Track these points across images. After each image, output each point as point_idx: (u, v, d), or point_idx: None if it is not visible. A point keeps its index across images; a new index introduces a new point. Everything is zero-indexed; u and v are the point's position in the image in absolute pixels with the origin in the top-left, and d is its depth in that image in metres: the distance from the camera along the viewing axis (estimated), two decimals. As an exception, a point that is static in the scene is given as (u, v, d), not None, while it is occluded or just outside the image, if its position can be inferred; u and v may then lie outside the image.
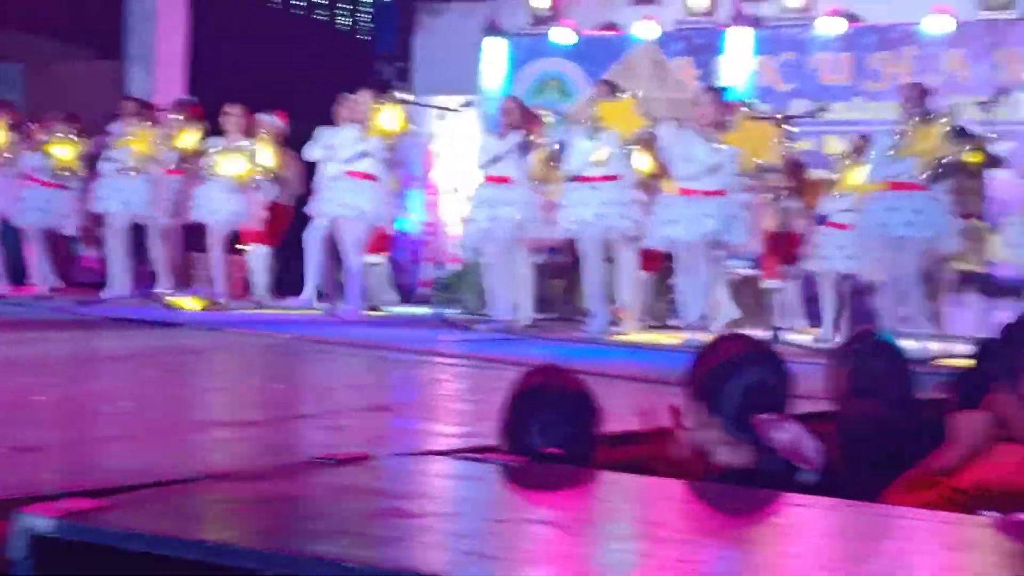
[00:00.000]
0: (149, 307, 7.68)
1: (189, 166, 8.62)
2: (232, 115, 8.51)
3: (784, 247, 8.71)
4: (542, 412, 2.34)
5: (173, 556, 1.50)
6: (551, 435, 2.32)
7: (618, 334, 7.51)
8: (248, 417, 2.97)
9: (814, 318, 8.72)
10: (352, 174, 7.83)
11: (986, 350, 2.76)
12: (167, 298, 7.84)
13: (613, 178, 7.35)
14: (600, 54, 12.52)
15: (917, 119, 6.79)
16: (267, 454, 2.46)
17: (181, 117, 8.77)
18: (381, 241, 9.60)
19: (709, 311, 7.33)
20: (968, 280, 7.92)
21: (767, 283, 8.92)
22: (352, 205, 7.76)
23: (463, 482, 2.13)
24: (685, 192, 7.13)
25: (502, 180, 7.59)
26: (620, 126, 7.27)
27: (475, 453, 2.43)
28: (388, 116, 7.72)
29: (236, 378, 4.17)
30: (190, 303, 7.71)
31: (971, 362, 4.44)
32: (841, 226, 8.06)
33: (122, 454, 2.30)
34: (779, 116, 7.64)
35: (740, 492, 2.10)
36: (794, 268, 8.69)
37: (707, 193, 7.04)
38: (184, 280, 8.82)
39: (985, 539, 1.70)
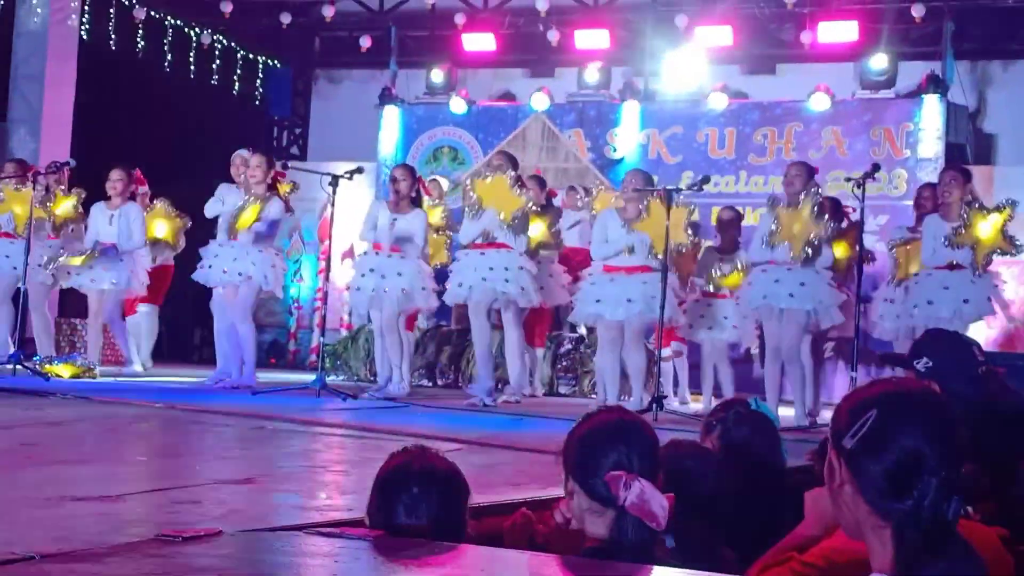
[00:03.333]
0: (22, 375, 7.43)
1: (65, 232, 8.45)
2: (114, 180, 8.36)
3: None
4: (408, 492, 2.32)
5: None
6: (417, 515, 2.30)
7: (505, 402, 7.50)
8: (104, 492, 2.87)
9: (698, 386, 8.87)
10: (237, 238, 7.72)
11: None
12: (40, 365, 7.60)
13: (501, 246, 7.40)
14: (494, 124, 12.73)
15: (784, 204, 7.01)
16: (117, 531, 2.37)
17: (61, 183, 8.60)
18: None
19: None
20: (846, 348, 8.12)
21: (666, 351, 9.03)
22: (240, 273, 7.64)
23: (314, 559, 2.09)
24: (609, 270, 7.23)
25: (393, 250, 7.57)
26: (498, 206, 7.33)
27: (332, 527, 2.38)
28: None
29: (98, 450, 4.04)
30: (62, 370, 7.49)
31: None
32: (722, 295, 8.26)
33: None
34: (666, 188, 7.76)
35: (601, 566, 2.09)
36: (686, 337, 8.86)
37: (630, 270, 7.13)
38: (62, 347, 8.58)
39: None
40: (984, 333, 9.61)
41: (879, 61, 11.59)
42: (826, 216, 6.98)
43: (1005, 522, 2.42)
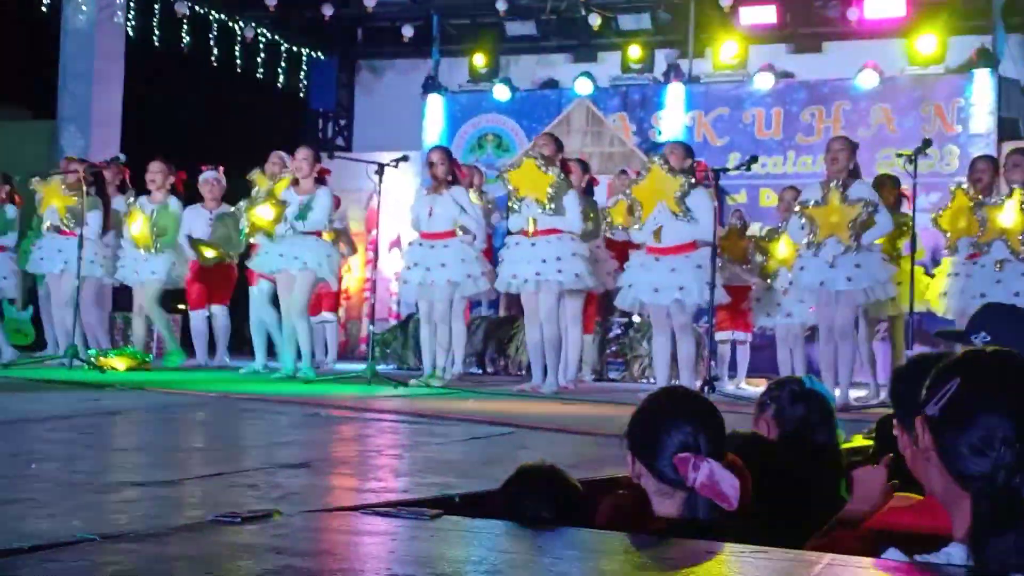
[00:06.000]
0: (78, 367, 7.56)
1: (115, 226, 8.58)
2: (153, 172, 8.45)
3: (737, 299, 8.80)
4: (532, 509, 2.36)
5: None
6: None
7: (557, 387, 7.48)
8: (161, 477, 2.90)
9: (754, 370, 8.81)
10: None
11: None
12: (96, 358, 7.71)
13: (550, 232, 7.35)
14: (537, 110, 12.70)
15: (812, 203, 6.89)
16: (174, 514, 2.40)
17: (111, 178, 8.73)
18: (329, 298, 9.65)
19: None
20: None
21: (723, 335, 8.99)
22: (296, 258, 7.68)
23: (372, 538, 2.10)
24: (651, 251, 7.15)
25: (436, 237, 7.57)
26: (533, 190, 7.28)
27: (389, 507, 2.39)
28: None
29: (155, 438, 4.09)
30: (117, 362, 7.59)
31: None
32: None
33: (23, 516, 2.23)
34: (711, 169, 7.71)
35: (674, 543, 2.09)
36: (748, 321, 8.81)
37: (664, 252, 7.06)
38: (115, 340, 8.71)
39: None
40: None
41: (927, 42, 11.43)
42: (860, 192, 6.85)
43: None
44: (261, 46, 13.55)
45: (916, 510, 2.00)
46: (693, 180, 7.09)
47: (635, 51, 12.56)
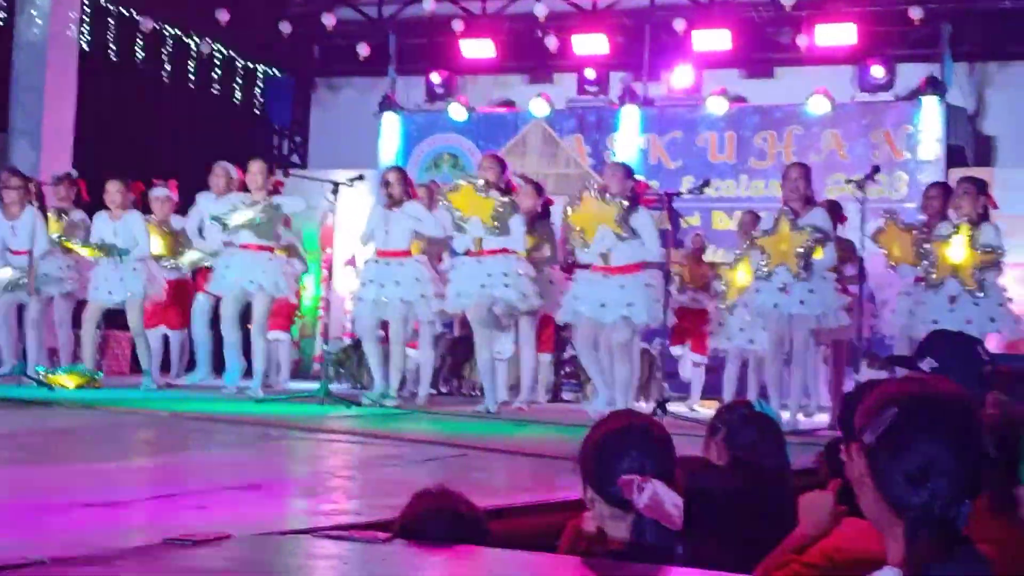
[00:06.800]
0: (26, 385, 7.45)
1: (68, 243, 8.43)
2: (112, 190, 8.35)
3: (695, 321, 8.85)
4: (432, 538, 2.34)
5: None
6: None
7: (516, 408, 7.49)
8: (111, 498, 2.88)
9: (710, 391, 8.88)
10: (245, 247, 7.72)
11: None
12: (45, 375, 7.60)
13: (498, 251, 7.36)
14: (494, 130, 12.75)
15: (760, 233, 6.98)
16: (125, 536, 2.38)
17: (64, 194, 8.63)
18: (280, 317, 9.59)
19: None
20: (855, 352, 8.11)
21: (677, 350, 9.05)
22: (252, 282, 7.64)
23: (322, 561, 2.10)
24: (598, 269, 7.15)
25: (392, 255, 7.56)
26: (476, 212, 7.29)
27: (339, 530, 2.39)
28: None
29: (105, 457, 4.04)
30: (67, 380, 7.49)
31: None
32: None
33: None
34: (664, 193, 7.79)
35: (617, 567, 2.11)
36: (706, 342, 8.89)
37: (620, 270, 7.09)
38: (65, 357, 8.57)
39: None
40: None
41: (876, 70, 11.64)
42: (812, 220, 6.93)
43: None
44: (217, 62, 13.48)
45: (863, 535, 2.03)
46: (629, 203, 7.06)
47: (591, 73, 12.66)
